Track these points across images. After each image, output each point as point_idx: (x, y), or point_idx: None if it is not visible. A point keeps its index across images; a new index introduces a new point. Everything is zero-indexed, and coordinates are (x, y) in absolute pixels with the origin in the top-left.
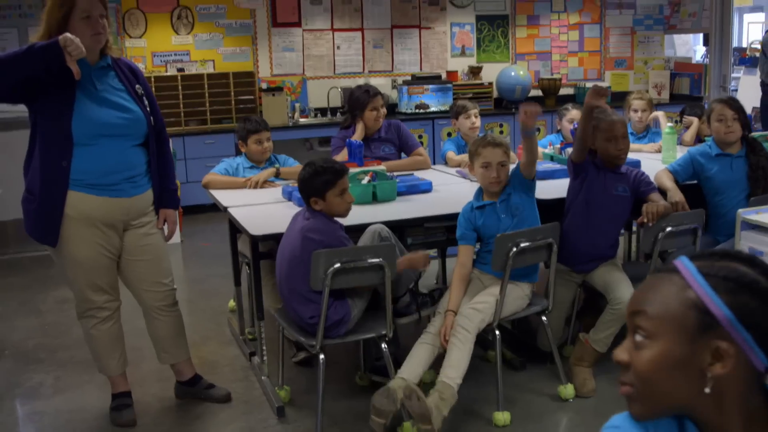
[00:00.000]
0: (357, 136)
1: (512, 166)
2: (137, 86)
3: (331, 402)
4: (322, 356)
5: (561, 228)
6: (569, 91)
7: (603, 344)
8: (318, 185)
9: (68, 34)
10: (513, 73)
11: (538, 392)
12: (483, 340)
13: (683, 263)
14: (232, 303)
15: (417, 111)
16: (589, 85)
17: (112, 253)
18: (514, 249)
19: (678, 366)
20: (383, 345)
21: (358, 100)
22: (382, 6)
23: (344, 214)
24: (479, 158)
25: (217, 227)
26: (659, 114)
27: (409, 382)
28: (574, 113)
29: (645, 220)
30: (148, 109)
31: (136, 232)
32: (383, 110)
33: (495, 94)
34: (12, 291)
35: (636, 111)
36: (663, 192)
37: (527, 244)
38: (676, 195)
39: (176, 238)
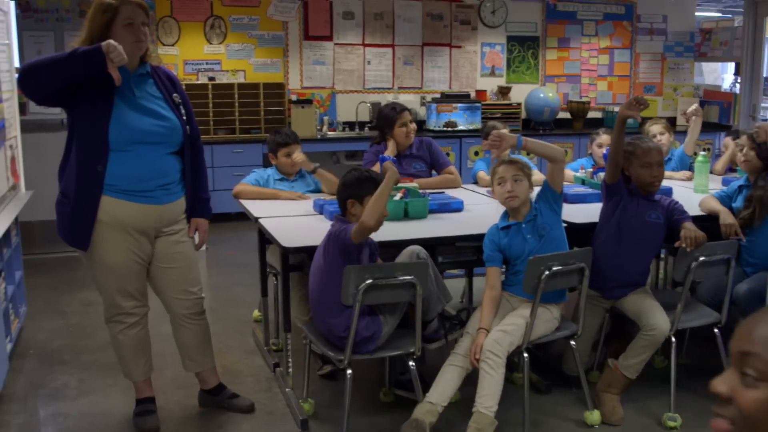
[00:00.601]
0: (389, 153)
1: (536, 189)
2: (175, 95)
3: (354, 417)
4: (349, 371)
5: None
6: (597, 114)
7: (633, 371)
8: (361, 189)
9: (111, 41)
10: (542, 95)
11: (564, 417)
12: (509, 362)
13: None
14: (256, 313)
15: (445, 129)
16: (617, 109)
17: (143, 259)
18: (546, 272)
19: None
20: (411, 363)
21: (386, 118)
22: (413, 23)
23: (376, 227)
24: (495, 176)
25: (243, 236)
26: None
27: (437, 405)
28: (604, 138)
29: (683, 245)
30: (184, 117)
31: (167, 240)
32: (412, 125)
33: (523, 114)
34: (38, 291)
35: (656, 136)
36: (707, 218)
37: (559, 267)
38: (729, 218)
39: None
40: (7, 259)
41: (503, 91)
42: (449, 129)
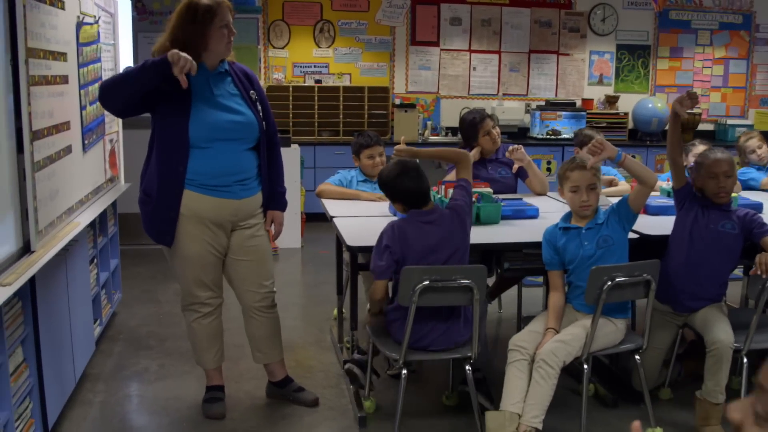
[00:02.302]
0: (472, 156)
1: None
2: (251, 92)
3: (415, 419)
4: (404, 371)
5: (663, 265)
6: (709, 126)
7: (717, 394)
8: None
9: (176, 51)
10: (650, 105)
11: (626, 431)
12: (577, 372)
13: None
14: (335, 312)
15: (548, 137)
16: (730, 122)
17: (219, 251)
18: (609, 282)
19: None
20: (467, 368)
21: (469, 128)
22: (521, 30)
23: None
24: (568, 182)
25: None
26: None
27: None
28: (700, 149)
29: (758, 272)
30: (261, 114)
31: (242, 233)
32: (496, 131)
33: (630, 125)
34: (136, 280)
35: (754, 151)
36: None
37: (623, 279)
38: None
39: (296, 243)
40: (102, 248)
41: (610, 100)
42: (552, 137)
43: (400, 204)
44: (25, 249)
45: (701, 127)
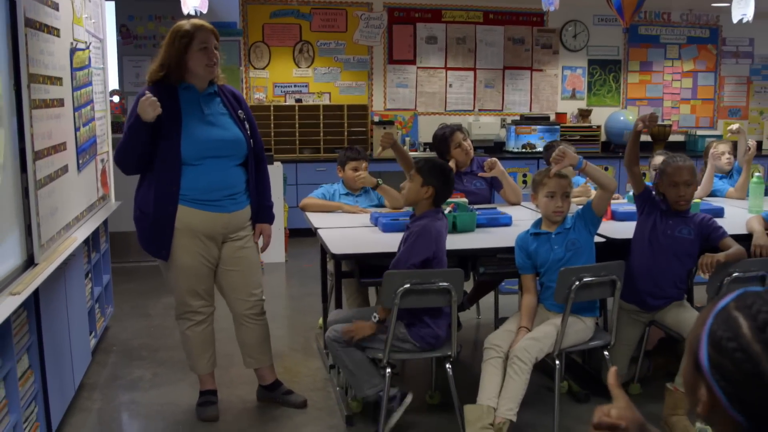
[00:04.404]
0: None
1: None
2: (239, 111)
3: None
4: (389, 370)
5: (627, 266)
6: (680, 138)
7: None
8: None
9: (143, 100)
10: (622, 118)
11: None
12: (551, 370)
13: (726, 298)
14: (321, 321)
15: (523, 150)
16: (700, 132)
17: (211, 262)
18: (577, 282)
19: (687, 386)
20: (447, 365)
21: (441, 143)
22: (495, 47)
23: None
24: (544, 188)
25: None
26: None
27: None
28: (658, 159)
29: (700, 273)
30: (248, 132)
31: (233, 245)
32: (467, 143)
33: (603, 137)
34: (127, 296)
35: (723, 153)
36: (750, 236)
37: (591, 279)
38: (761, 239)
39: (281, 257)
40: (95, 263)
41: (583, 114)
42: (527, 150)
43: (432, 194)
44: (29, 262)
45: (672, 138)
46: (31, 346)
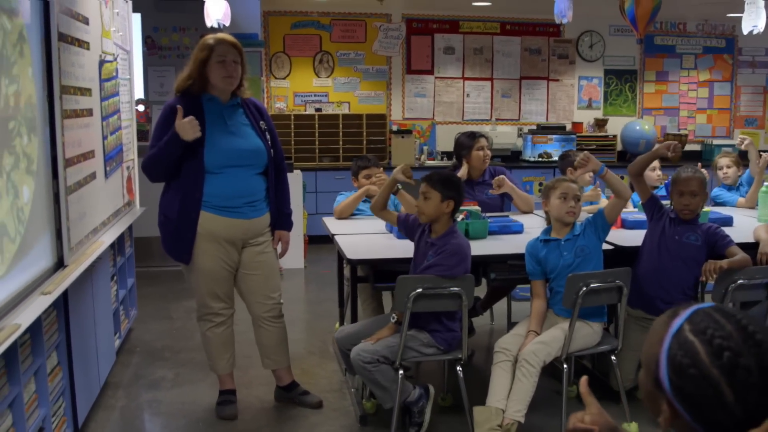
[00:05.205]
0: (460, 176)
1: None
2: (261, 122)
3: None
4: (401, 372)
5: (634, 272)
6: (696, 147)
7: None
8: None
9: (182, 123)
10: (638, 127)
11: None
12: (560, 374)
13: (680, 318)
14: (338, 325)
15: (540, 159)
16: (716, 142)
17: (231, 266)
18: (584, 288)
19: (648, 398)
20: (458, 368)
21: (463, 144)
22: (512, 57)
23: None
24: (556, 191)
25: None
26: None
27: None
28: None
29: (703, 279)
30: (269, 142)
31: (252, 250)
32: (488, 152)
33: (619, 146)
34: (151, 299)
35: (722, 168)
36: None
37: (598, 285)
38: (766, 247)
39: (300, 263)
40: (120, 267)
41: (599, 123)
42: (544, 159)
43: (453, 207)
44: (59, 264)
45: (688, 147)
46: (60, 344)
